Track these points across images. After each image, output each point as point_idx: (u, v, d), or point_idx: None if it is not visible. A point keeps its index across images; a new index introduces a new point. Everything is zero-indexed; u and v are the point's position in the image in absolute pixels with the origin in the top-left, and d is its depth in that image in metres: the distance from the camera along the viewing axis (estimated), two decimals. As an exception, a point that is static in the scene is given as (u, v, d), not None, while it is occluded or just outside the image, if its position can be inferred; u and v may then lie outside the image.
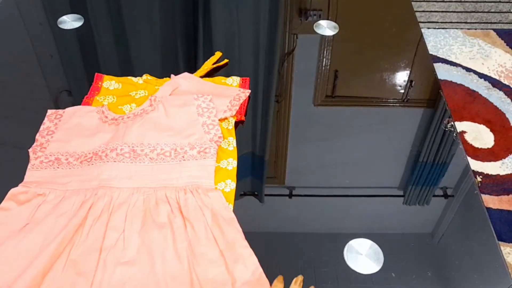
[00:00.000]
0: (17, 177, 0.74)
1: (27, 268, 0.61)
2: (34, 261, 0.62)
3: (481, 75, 1.92)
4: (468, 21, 2.17)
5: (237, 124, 0.85)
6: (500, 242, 1.41)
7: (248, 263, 0.64)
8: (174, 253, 0.65)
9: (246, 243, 0.66)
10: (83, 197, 0.71)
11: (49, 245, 0.63)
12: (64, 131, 0.81)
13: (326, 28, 1.07)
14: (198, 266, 0.64)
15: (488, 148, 1.67)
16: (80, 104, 0.86)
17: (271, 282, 0.62)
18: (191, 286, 0.62)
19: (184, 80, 0.90)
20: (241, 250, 0.65)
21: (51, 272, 0.62)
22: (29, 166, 0.75)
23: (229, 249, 0.65)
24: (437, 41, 2.07)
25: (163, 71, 0.93)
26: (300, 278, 0.62)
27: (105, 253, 0.64)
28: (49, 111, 0.84)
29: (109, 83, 0.91)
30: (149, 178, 0.74)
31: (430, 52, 1.99)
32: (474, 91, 1.86)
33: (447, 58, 1.99)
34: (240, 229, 0.67)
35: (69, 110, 0.84)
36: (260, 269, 0.63)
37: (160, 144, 0.78)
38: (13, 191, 0.72)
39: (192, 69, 0.93)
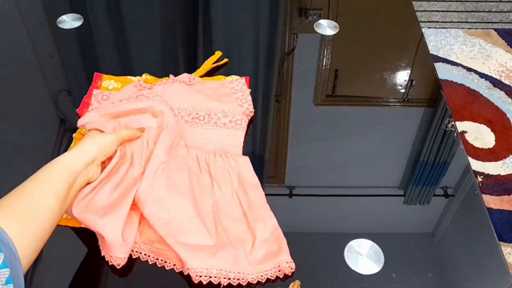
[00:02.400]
0: (18, 177, 0.73)
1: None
2: None
3: (482, 75, 1.92)
4: (469, 20, 2.17)
5: (237, 124, 0.84)
6: (500, 242, 1.41)
7: (268, 224, 0.66)
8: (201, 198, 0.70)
9: (267, 205, 0.69)
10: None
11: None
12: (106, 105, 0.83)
13: (326, 27, 1.06)
14: (223, 222, 0.67)
15: (489, 148, 1.67)
16: (79, 104, 0.86)
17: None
18: (216, 230, 0.65)
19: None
20: (262, 212, 0.68)
21: None
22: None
23: (251, 209, 0.68)
24: (437, 40, 2.07)
25: (163, 71, 0.93)
26: (297, 282, 0.62)
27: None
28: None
29: (108, 82, 0.91)
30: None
31: (431, 52, 1.98)
32: (475, 91, 1.86)
33: (448, 57, 1.99)
34: (263, 193, 0.71)
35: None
36: (279, 229, 0.66)
37: (196, 109, 0.82)
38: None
39: (192, 69, 0.93)
